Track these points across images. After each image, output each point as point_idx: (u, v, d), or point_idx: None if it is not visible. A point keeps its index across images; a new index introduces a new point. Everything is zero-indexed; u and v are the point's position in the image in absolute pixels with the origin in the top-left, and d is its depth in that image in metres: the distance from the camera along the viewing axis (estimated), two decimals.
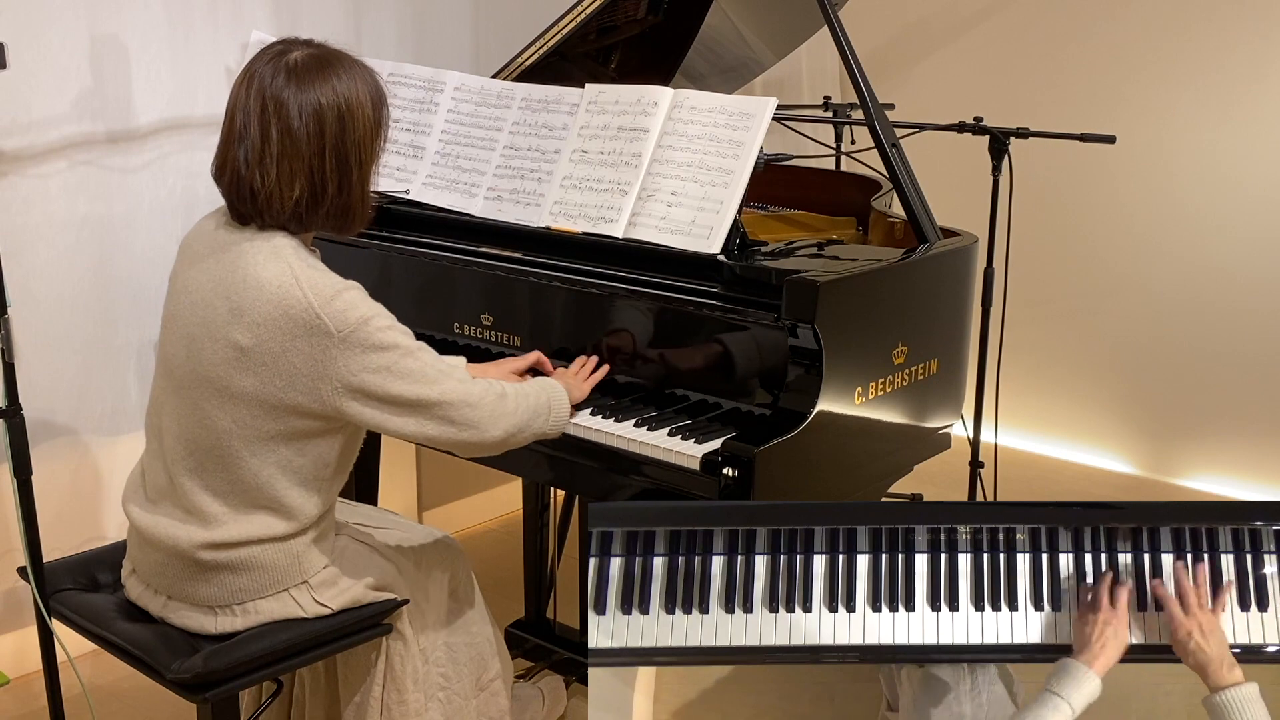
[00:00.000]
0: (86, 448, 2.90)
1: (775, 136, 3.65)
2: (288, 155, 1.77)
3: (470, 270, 2.38)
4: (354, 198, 1.84)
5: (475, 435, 1.85)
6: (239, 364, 1.78)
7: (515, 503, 3.30)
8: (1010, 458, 3.92)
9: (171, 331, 1.89)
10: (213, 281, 1.81)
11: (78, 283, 2.81)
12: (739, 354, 2.06)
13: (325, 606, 1.94)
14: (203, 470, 1.86)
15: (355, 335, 1.76)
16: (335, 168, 1.80)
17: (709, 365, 2.09)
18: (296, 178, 1.78)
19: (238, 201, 1.82)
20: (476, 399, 1.85)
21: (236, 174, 1.80)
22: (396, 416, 1.80)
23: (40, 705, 2.41)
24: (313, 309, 1.75)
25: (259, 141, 1.77)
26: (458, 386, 1.83)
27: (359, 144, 1.81)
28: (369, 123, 1.82)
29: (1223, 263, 3.80)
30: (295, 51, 1.81)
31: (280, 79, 1.77)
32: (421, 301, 2.47)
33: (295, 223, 1.82)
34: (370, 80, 1.85)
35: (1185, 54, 3.80)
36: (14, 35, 2.55)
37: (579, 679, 2.69)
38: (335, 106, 1.77)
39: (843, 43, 2.34)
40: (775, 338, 1.99)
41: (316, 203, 1.81)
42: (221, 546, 1.86)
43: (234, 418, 1.81)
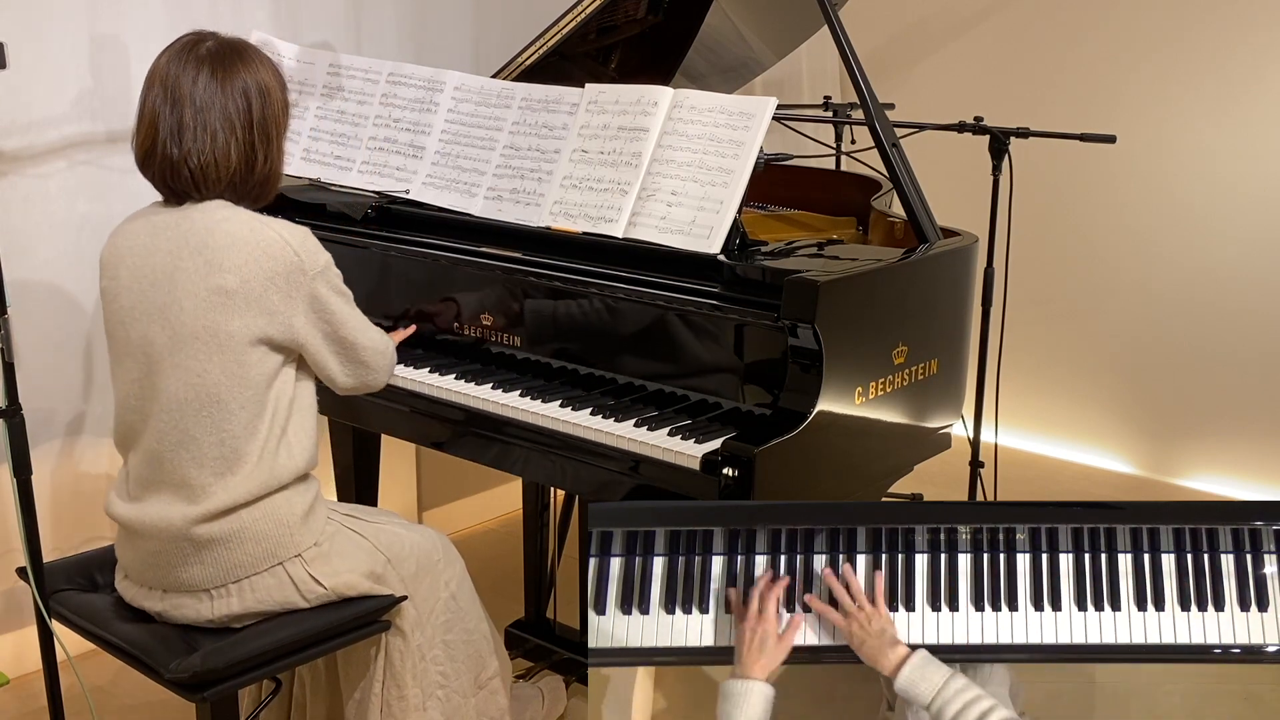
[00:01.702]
0: (86, 448, 2.90)
1: (775, 136, 3.65)
2: (224, 130, 1.92)
3: (470, 270, 2.38)
4: (275, 169, 2.02)
5: (374, 379, 2.08)
6: (225, 307, 1.88)
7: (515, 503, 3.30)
8: (1010, 458, 3.92)
9: (135, 323, 1.93)
10: (170, 254, 1.91)
11: (78, 283, 2.81)
12: (739, 354, 2.06)
13: (320, 585, 1.96)
14: (191, 440, 1.90)
15: (324, 275, 1.95)
16: (262, 140, 1.97)
17: (709, 365, 2.09)
18: (230, 150, 1.93)
19: (173, 181, 1.94)
20: (385, 347, 2.09)
21: (167, 157, 1.92)
22: (332, 355, 2.00)
23: (40, 705, 2.41)
24: (290, 247, 1.91)
25: (190, 121, 1.91)
26: (377, 335, 2.07)
27: (276, 119, 1.99)
28: (281, 101, 2.01)
29: (1223, 262, 3.80)
30: (206, 42, 1.97)
31: (206, 69, 1.93)
32: (421, 301, 2.47)
33: (230, 192, 1.96)
34: (272, 65, 2.03)
35: (1185, 54, 3.80)
36: (14, 35, 2.55)
37: (579, 679, 2.69)
38: (256, 84, 1.96)
39: (843, 43, 2.34)
40: (775, 338, 1.99)
41: (250, 171, 1.96)
42: (214, 517, 1.90)
43: (223, 367, 1.89)
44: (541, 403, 2.16)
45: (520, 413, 2.16)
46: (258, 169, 1.97)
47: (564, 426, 2.10)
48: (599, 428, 2.06)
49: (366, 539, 2.07)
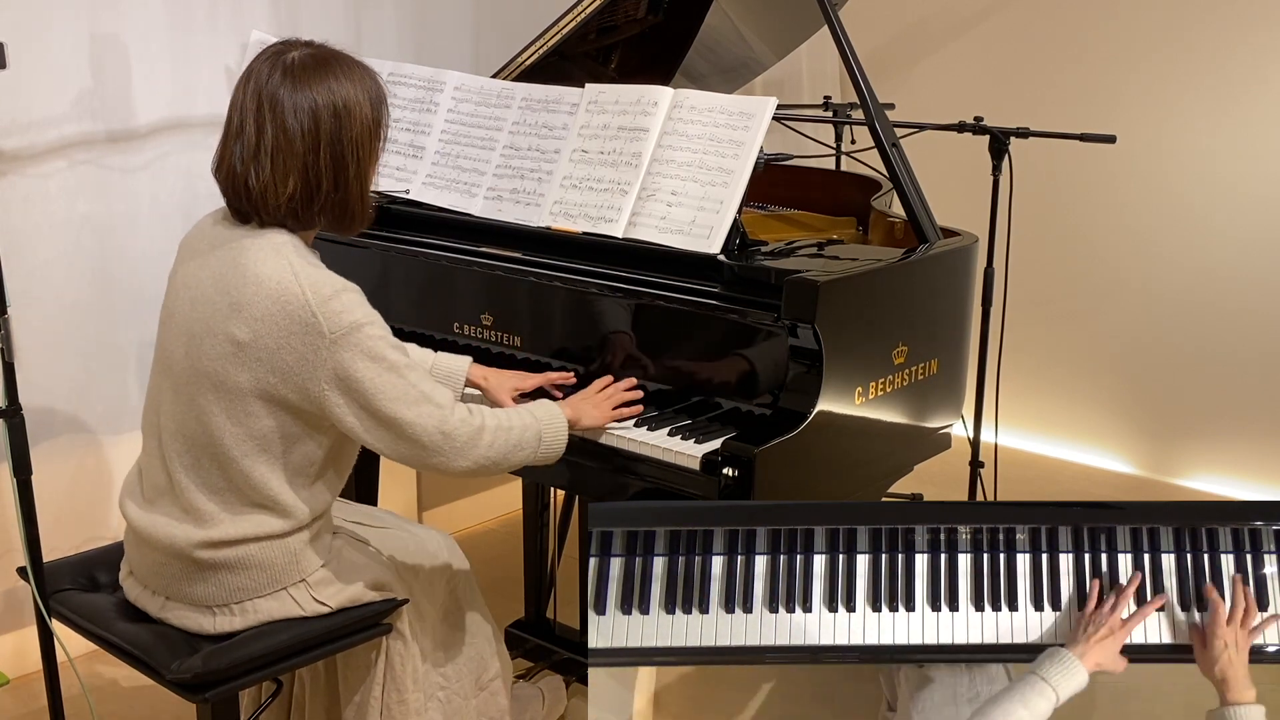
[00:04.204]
0: (86, 448, 2.90)
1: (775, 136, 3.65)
2: (282, 151, 1.78)
3: (470, 270, 2.38)
4: (351, 195, 1.84)
5: (442, 462, 1.84)
6: (236, 359, 1.79)
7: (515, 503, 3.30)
8: (1010, 458, 3.92)
9: (170, 328, 1.90)
10: (213, 277, 1.83)
11: (78, 283, 2.81)
12: (739, 354, 2.05)
13: (324, 605, 1.94)
14: (199, 467, 1.87)
15: (347, 339, 1.76)
16: (330, 165, 1.80)
17: (709, 365, 2.09)
18: (290, 174, 1.79)
19: (234, 198, 1.84)
20: (451, 429, 1.83)
21: (232, 170, 1.81)
22: (373, 429, 1.81)
23: (40, 705, 2.41)
24: (309, 306, 1.75)
25: (254, 138, 1.79)
26: (434, 412, 1.82)
27: (356, 142, 1.82)
28: (367, 122, 1.83)
29: (1223, 262, 3.80)
30: (294, 51, 1.83)
31: (277, 77, 1.79)
32: (421, 301, 2.47)
33: (292, 219, 1.83)
34: (369, 81, 1.86)
35: (1185, 54, 3.80)
36: (14, 35, 2.55)
37: (579, 679, 2.69)
38: (331, 104, 1.79)
39: (843, 43, 2.34)
40: (775, 338, 1.99)
41: (311, 199, 1.81)
42: (218, 545, 1.87)
43: (229, 414, 1.82)
44: None
45: None
46: (323, 195, 1.81)
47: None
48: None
49: (372, 546, 2.06)
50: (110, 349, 2.89)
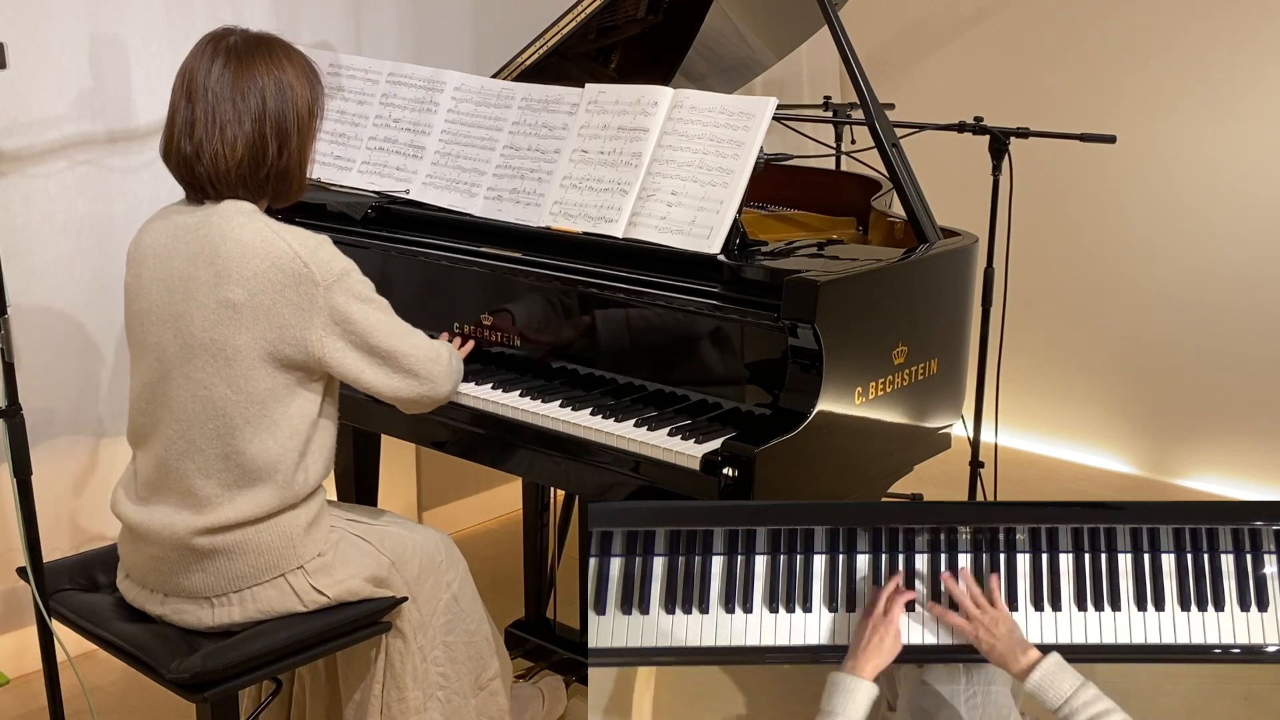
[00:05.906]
0: (86, 448, 2.90)
1: (775, 136, 3.65)
2: (230, 123, 1.89)
3: (470, 270, 2.38)
4: (292, 164, 1.96)
5: (432, 389, 2.00)
6: (233, 321, 1.85)
7: (515, 503, 3.30)
8: (1010, 458, 3.92)
9: (151, 326, 1.93)
10: (188, 260, 1.89)
11: (78, 283, 2.81)
12: (739, 354, 2.06)
13: (323, 594, 1.96)
14: (197, 451, 1.89)
15: (339, 284, 1.88)
16: (275, 133, 1.92)
17: (709, 365, 2.09)
18: (238, 141, 1.90)
19: (187, 173, 1.93)
20: (436, 354, 2.00)
21: (180, 148, 1.91)
22: (369, 366, 1.93)
23: (40, 705, 2.41)
24: (300, 258, 1.86)
25: (203, 115, 1.90)
26: (423, 341, 1.99)
27: (297, 113, 1.95)
28: (304, 99, 1.96)
29: (1223, 262, 3.80)
30: (233, 36, 1.96)
31: (220, 60, 1.91)
32: (421, 301, 2.47)
33: (243, 188, 1.93)
34: (303, 60, 2.00)
35: (1186, 54, 3.80)
36: (14, 35, 2.55)
37: (579, 679, 2.69)
38: (275, 80, 1.93)
39: (843, 43, 2.34)
40: (775, 338, 1.99)
41: (258, 165, 1.92)
42: (216, 531, 1.89)
43: (229, 381, 1.87)
44: (541, 403, 2.16)
45: (520, 413, 2.16)
46: (267, 164, 1.93)
47: (564, 426, 2.10)
48: (599, 428, 2.06)
49: (370, 543, 2.06)
50: (110, 349, 2.89)
